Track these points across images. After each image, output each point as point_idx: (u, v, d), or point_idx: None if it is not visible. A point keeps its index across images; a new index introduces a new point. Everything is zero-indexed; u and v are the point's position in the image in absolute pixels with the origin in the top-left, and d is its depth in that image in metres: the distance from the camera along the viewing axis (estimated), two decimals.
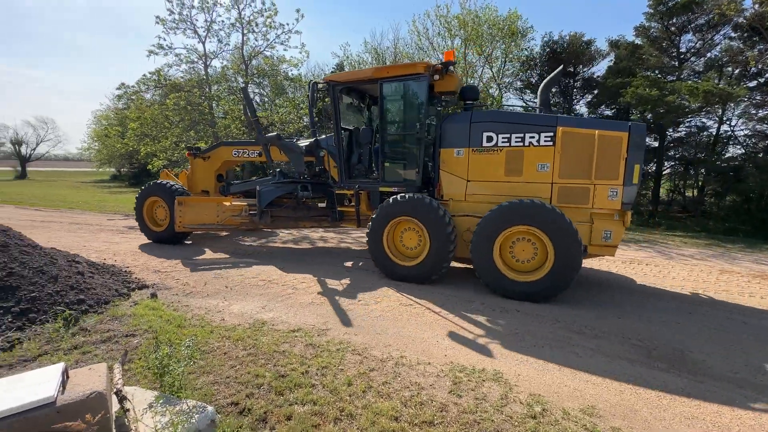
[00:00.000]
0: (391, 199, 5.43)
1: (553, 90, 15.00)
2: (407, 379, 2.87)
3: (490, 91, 16.07)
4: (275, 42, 15.43)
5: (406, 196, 5.33)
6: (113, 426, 1.46)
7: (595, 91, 15.41)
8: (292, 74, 17.05)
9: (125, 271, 5.35)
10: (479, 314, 4.25)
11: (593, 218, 4.74)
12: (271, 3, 14.78)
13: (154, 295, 4.47)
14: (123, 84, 15.71)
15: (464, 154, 5.25)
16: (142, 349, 3.12)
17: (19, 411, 1.26)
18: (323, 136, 6.80)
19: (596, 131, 4.62)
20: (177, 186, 7.55)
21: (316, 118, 6.77)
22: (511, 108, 17.34)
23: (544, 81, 5.91)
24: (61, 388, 1.39)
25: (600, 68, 16.68)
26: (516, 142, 4.95)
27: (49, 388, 1.35)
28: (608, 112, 15.68)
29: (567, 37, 15.01)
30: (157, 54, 14.43)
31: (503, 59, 15.68)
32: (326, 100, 6.24)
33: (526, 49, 15.85)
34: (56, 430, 1.28)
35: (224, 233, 8.63)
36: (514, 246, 4.84)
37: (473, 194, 5.29)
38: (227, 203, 7.11)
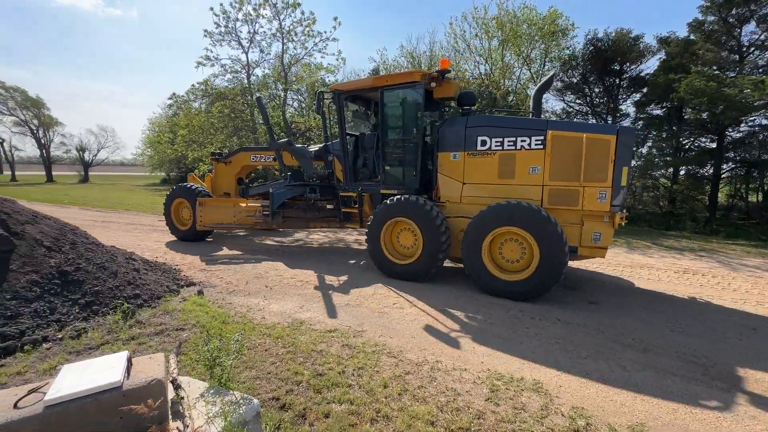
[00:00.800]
0: (387, 201, 5.68)
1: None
2: (443, 384, 2.85)
3: (528, 92, 15.62)
4: (313, 50, 15.93)
5: (401, 198, 5.56)
6: (169, 412, 1.57)
7: (644, 90, 14.55)
8: (329, 81, 17.46)
9: (175, 269, 5.71)
10: (518, 322, 4.14)
11: (583, 220, 4.82)
12: (310, 12, 15.28)
13: (200, 293, 4.73)
14: (174, 94, 16.80)
15: (460, 157, 5.44)
16: (191, 342, 3.32)
17: (91, 393, 1.39)
18: (332, 142, 7.04)
19: (584, 134, 4.71)
20: (200, 188, 8.13)
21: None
22: (549, 112, 16.77)
23: (537, 86, 6.05)
24: (126, 374, 1.51)
25: (648, 66, 15.78)
26: (508, 145, 5.10)
27: (116, 373, 1.48)
28: (658, 112, 14.75)
29: (613, 34, 14.29)
30: (204, 65, 15.34)
31: (542, 59, 15.21)
32: (333, 107, 6.60)
33: (567, 48, 15.28)
34: (123, 412, 1.40)
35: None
36: (503, 246, 4.97)
37: (468, 196, 5.45)
38: (243, 204, 7.63)
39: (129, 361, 1.61)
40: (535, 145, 4.94)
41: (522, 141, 5.01)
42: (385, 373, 2.96)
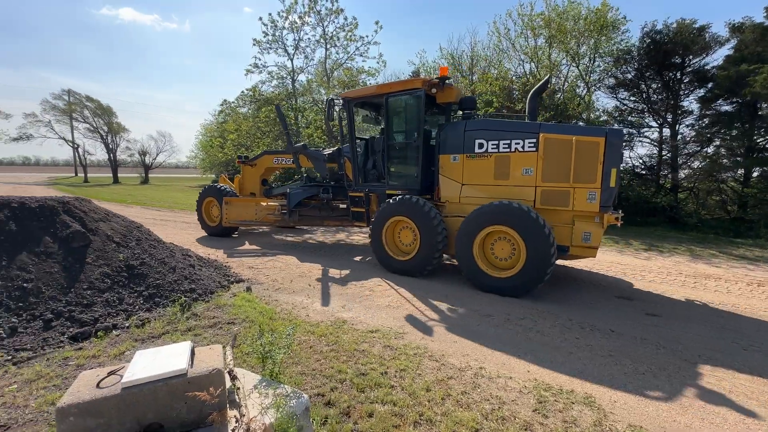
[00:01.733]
0: (388, 201, 6.07)
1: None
2: (487, 392, 2.78)
3: (577, 90, 14.87)
4: (355, 54, 16.22)
5: (401, 197, 5.92)
6: (227, 400, 1.66)
7: (709, 85, 13.32)
8: (370, 84, 17.67)
9: (225, 266, 6.03)
10: (568, 331, 3.94)
11: (574, 220, 4.95)
12: (353, 18, 15.59)
13: (249, 289, 4.96)
14: (225, 101, 17.81)
15: (459, 159, 5.68)
16: (241, 336, 3.49)
17: (161, 378, 1.51)
18: (344, 145, 7.42)
19: (574, 137, 4.84)
20: (227, 188, 8.85)
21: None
22: (600, 111, 15.84)
23: (532, 90, 6.15)
24: (190, 363, 1.63)
25: (714, 58, 14.43)
26: (503, 148, 5.29)
27: (182, 361, 1.59)
28: (727, 108, 13.44)
29: (674, 25, 13.23)
30: (253, 72, 16.14)
31: (591, 55, 14.42)
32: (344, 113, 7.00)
33: (619, 43, 14.37)
34: (188, 397, 1.50)
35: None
36: (495, 245, 5.17)
37: (466, 196, 5.68)
38: (263, 203, 8.37)
39: (192, 350, 1.73)
40: (528, 147, 5.11)
41: (516, 143, 5.20)
42: (428, 377, 2.94)
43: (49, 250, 3.96)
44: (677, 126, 13.94)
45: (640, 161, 15.13)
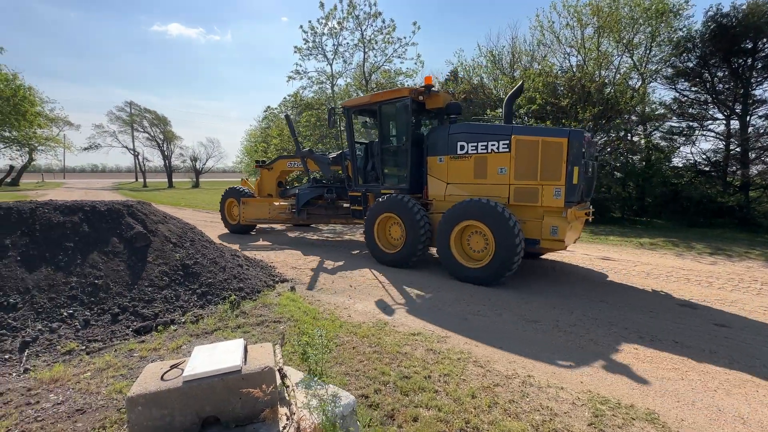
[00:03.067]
0: (379, 199, 6.62)
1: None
2: (536, 402, 2.65)
3: (630, 82, 13.92)
4: (393, 56, 16.28)
5: (390, 196, 6.47)
6: (278, 398, 1.70)
7: None
8: (408, 85, 17.65)
9: (270, 266, 6.26)
10: (624, 341, 3.68)
11: (543, 215, 5.29)
12: (390, 20, 15.65)
13: (293, 289, 5.11)
14: (269, 107, 18.55)
15: (444, 160, 6.16)
16: (287, 334, 3.59)
17: (218, 373, 1.58)
18: (346, 149, 8.02)
19: (540, 138, 5.22)
20: (245, 190, 9.82)
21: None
22: (657, 104, 14.71)
23: (508, 95, 6.49)
24: (244, 359, 1.69)
25: None
26: (481, 149, 5.73)
27: (237, 357, 1.66)
28: None
29: (743, 7, 12.01)
30: (294, 78, 16.67)
31: (648, 44, 13.42)
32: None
33: (681, 29, 13.27)
34: (242, 393, 1.56)
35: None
36: (470, 238, 5.65)
37: (450, 195, 6.14)
38: (276, 203, 9.21)
39: (245, 348, 1.79)
40: (502, 148, 5.53)
41: (492, 145, 5.62)
42: (473, 383, 2.86)
43: (116, 250, 4.31)
44: (748, 117, 12.62)
45: (704, 157, 13.87)
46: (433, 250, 6.66)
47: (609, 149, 13.99)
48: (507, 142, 5.47)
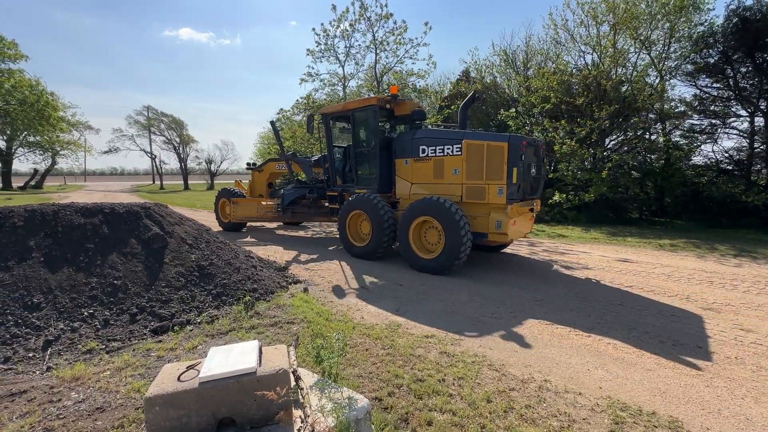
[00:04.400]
0: (349, 198, 7.28)
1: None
2: (554, 407, 2.59)
3: (648, 79, 13.58)
4: (404, 57, 16.24)
5: (358, 195, 7.09)
6: (292, 400, 1.70)
7: None
8: (420, 86, 17.61)
9: (283, 267, 6.31)
10: (645, 345, 3.58)
11: (490, 211, 5.88)
12: (402, 21, 15.63)
13: (306, 290, 5.13)
14: (281, 109, 18.73)
15: (410, 163, 6.79)
16: (300, 336, 3.60)
17: (233, 375, 1.59)
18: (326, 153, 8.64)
19: (485, 142, 5.85)
20: (236, 191, 10.47)
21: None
22: (676, 101, 14.32)
23: (461, 104, 7.18)
24: (259, 361, 1.69)
25: None
26: (439, 152, 6.33)
27: (252, 359, 1.66)
28: None
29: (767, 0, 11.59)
30: (307, 81, 16.78)
31: (666, 40, 13.07)
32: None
33: (701, 24, 12.88)
34: (257, 395, 1.56)
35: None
36: (427, 233, 6.28)
37: (414, 194, 6.75)
38: (263, 203, 9.88)
39: (260, 349, 1.80)
40: (456, 151, 6.12)
41: (447, 149, 6.22)
42: (488, 387, 2.81)
43: (134, 251, 4.40)
44: None
45: (726, 155, 13.43)
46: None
47: (626, 148, 13.67)
48: (459, 146, 6.08)
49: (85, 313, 3.61)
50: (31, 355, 3.10)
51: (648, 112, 13.24)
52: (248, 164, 11.22)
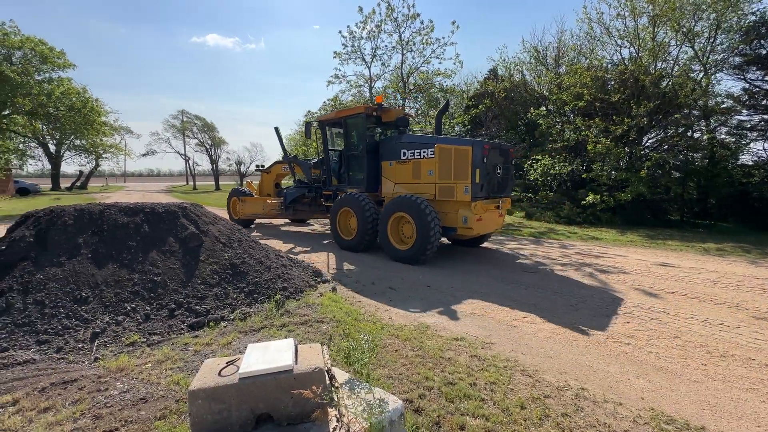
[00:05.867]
0: (340, 196, 8.05)
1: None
2: (592, 417, 2.49)
3: (691, 74, 12.82)
4: (431, 57, 16.14)
5: (347, 194, 7.86)
6: (327, 399, 1.71)
7: None
8: (446, 85, 17.43)
9: (312, 266, 6.40)
10: (691, 355, 3.37)
11: (458, 208, 6.60)
12: (429, 21, 15.54)
13: (334, 289, 5.18)
14: (309, 111, 19.06)
15: (393, 165, 7.53)
16: (328, 334, 3.64)
17: (271, 372, 1.62)
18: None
19: (453, 146, 6.56)
20: (245, 190, 11.58)
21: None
22: (723, 96, 13.44)
23: (437, 112, 8.41)
24: (295, 359, 1.72)
25: None
26: (417, 155, 7.10)
27: (288, 357, 1.69)
28: None
29: None
30: (333, 83, 17.00)
31: (712, 32, 12.31)
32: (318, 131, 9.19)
33: (753, 13, 12.04)
34: (293, 393, 1.58)
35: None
36: (403, 227, 7.01)
37: (396, 192, 7.44)
38: (269, 201, 10.78)
39: (296, 347, 1.83)
40: (430, 155, 6.86)
41: (424, 152, 6.98)
42: (521, 393, 2.73)
43: (172, 249, 4.59)
44: None
45: None
46: None
47: (666, 147, 12.98)
48: (433, 149, 6.81)
49: (128, 308, 3.80)
50: (80, 345, 3.30)
51: (691, 108, 12.52)
52: (257, 166, 12.31)
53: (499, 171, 6.88)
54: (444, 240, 8.10)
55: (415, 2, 16.77)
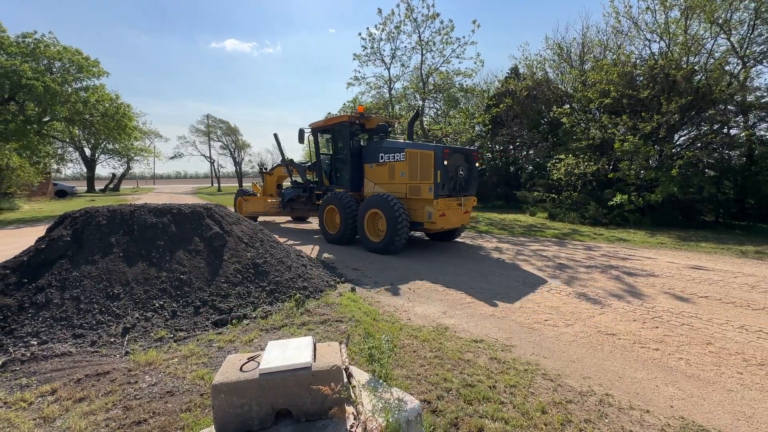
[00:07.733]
0: (326, 195, 9.03)
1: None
2: (617, 424, 2.41)
3: (728, 67, 12.19)
4: (451, 56, 16.01)
5: (332, 193, 8.85)
6: (345, 397, 1.74)
7: None
8: (467, 85, 17.25)
9: (331, 266, 6.47)
10: (724, 362, 3.21)
11: (425, 205, 7.40)
12: (449, 20, 15.41)
13: (353, 289, 5.22)
14: (329, 113, 19.24)
15: (374, 167, 8.40)
16: (347, 333, 3.67)
17: (291, 368, 1.66)
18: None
19: (419, 151, 7.47)
20: (249, 190, 12.98)
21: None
22: (764, 90, 12.68)
23: (409, 120, 9.55)
24: (313, 357, 1.75)
25: None
26: (392, 159, 7.97)
27: (307, 354, 1.72)
28: None
29: None
30: (353, 85, 17.12)
31: (751, 21, 11.67)
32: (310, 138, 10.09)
33: None
34: (312, 390, 1.61)
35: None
36: (378, 222, 7.81)
37: (375, 192, 8.22)
38: (269, 200, 11.85)
39: (314, 345, 1.86)
40: (402, 158, 7.76)
41: (397, 156, 7.87)
42: (542, 397, 2.68)
43: (198, 248, 4.75)
44: None
45: None
46: None
47: (699, 144, 12.39)
48: (403, 153, 7.71)
49: (156, 304, 3.96)
50: (112, 340, 3.46)
51: (726, 103, 11.91)
52: (260, 169, 13.53)
53: (461, 172, 7.68)
54: (418, 234, 9.44)
55: (434, 2, 16.66)
